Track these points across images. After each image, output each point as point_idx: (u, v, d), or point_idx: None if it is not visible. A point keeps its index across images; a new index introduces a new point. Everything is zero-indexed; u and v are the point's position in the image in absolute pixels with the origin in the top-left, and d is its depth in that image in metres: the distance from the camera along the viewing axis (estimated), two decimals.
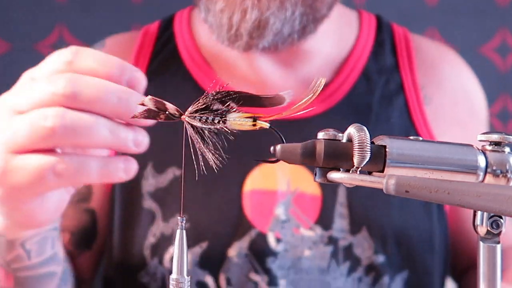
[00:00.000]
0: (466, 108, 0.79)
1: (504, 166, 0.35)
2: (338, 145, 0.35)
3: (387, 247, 0.72)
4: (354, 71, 0.77)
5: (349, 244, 0.72)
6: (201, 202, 0.72)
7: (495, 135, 0.36)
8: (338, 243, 0.71)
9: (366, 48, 0.78)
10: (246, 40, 0.66)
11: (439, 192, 0.29)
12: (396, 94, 0.77)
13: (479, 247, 0.37)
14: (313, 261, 0.71)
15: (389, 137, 0.36)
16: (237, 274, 0.71)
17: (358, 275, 0.71)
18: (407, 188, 0.30)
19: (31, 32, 1.18)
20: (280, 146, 0.36)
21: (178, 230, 0.38)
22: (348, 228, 0.72)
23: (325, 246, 0.71)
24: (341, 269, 0.71)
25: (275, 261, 0.71)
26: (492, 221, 0.36)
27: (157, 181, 0.74)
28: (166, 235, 0.72)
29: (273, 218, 0.72)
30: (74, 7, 1.18)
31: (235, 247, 0.71)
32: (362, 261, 0.72)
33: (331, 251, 0.71)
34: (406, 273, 0.74)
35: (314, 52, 0.75)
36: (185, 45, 0.79)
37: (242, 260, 0.71)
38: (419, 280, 0.74)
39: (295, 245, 0.71)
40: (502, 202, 0.27)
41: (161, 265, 0.72)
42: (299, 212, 0.72)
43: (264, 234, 0.71)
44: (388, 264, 0.72)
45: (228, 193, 0.73)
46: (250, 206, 0.72)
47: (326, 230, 0.71)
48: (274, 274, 0.71)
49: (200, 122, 0.38)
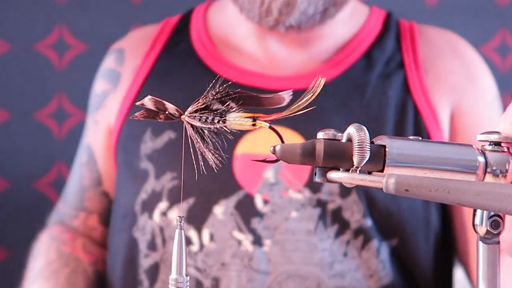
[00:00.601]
0: (464, 75, 0.81)
1: (503, 166, 0.35)
2: (337, 145, 0.35)
3: (375, 211, 0.74)
4: (357, 51, 0.80)
5: (338, 207, 0.73)
6: (191, 162, 0.74)
7: (494, 135, 0.36)
8: (326, 206, 0.73)
9: (372, 33, 0.82)
10: (275, 16, 0.72)
11: (439, 191, 0.29)
12: (395, 71, 0.79)
13: (479, 247, 0.37)
14: (300, 223, 0.73)
15: (389, 137, 0.36)
16: (221, 231, 0.73)
17: (347, 238, 0.73)
18: (406, 187, 0.30)
19: (31, 32, 1.18)
20: (280, 146, 0.36)
21: (177, 230, 0.38)
22: (337, 191, 0.73)
23: (312, 208, 0.73)
24: (328, 232, 0.73)
25: (260, 222, 0.73)
26: (492, 221, 0.36)
27: (154, 143, 0.78)
28: (156, 191, 0.76)
29: (262, 181, 0.75)
30: (74, 7, 1.18)
31: (221, 205, 0.74)
32: (351, 224, 0.73)
33: (319, 213, 0.73)
34: (396, 241, 0.75)
35: (325, 36, 0.80)
36: (197, 29, 0.84)
37: (227, 218, 0.73)
38: (407, 250, 0.75)
39: (282, 206, 0.73)
40: (501, 200, 0.28)
41: (150, 219, 0.76)
42: (289, 176, 0.74)
43: (252, 195, 0.74)
44: (376, 229, 0.74)
45: (219, 155, 0.74)
46: (240, 168, 0.75)
47: (315, 193, 0.73)
48: (259, 234, 0.73)
49: (200, 122, 0.38)
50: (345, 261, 0.73)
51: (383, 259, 0.74)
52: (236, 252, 0.73)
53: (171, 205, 0.76)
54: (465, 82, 0.80)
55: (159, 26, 0.86)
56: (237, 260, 0.73)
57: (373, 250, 0.73)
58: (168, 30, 0.85)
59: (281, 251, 0.72)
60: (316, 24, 0.76)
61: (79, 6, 1.19)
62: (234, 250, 0.73)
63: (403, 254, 0.75)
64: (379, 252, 0.74)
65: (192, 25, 0.85)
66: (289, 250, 0.73)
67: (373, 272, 0.74)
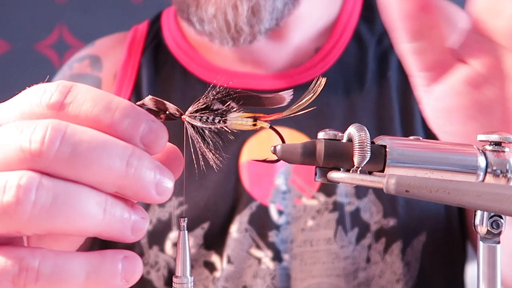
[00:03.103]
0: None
1: (504, 166, 0.35)
2: (338, 145, 0.35)
3: (397, 209, 0.69)
4: (345, 34, 0.76)
5: (356, 209, 0.68)
6: (198, 180, 0.71)
7: (495, 135, 0.36)
8: (344, 208, 0.68)
9: (355, 12, 0.78)
10: (248, 31, 0.67)
11: (439, 191, 0.29)
12: (390, 49, 0.76)
13: (479, 247, 0.37)
14: (317, 232, 0.68)
15: (389, 137, 0.36)
16: (237, 250, 0.68)
17: (368, 242, 0.68)
18: (407, 188, 0.30)
19: (31, 32, 1.18)
20: (281, 146, 0.36)
21: (181, 231, 0.38)
22: (353, 191, 0.69)
23: (329, 213, 0.68)
24: (349, 237, 0.68)
25: (278, 235, 0.68)
26: (493, 221, 0.36)
27: None
28: (163, 220, 0.71)
29: (274, 189, 0.69)
30: (74, 7, 1.18)
31: (235, 222, 0.69)
32: (371, 226, 0.68)
33: (337, 217, 0.68)
34: (424, 236, 0.70)
35: (302, 18, 0.75)
36: (172, 35, 0.80)
37: (242, 235, 0.68)
38: (440, 242, 0.71)
39: (296, 216, 0.68)
40: (502, 201, 0.27)
41: (163, 253, 0.70)
42: (300, 181, 0.70)
43: (266, 206, 0.69)
44: (400, 228, 0.69)
45: (225, 166, 0.71)
46: (248, 177, 0.70)
47: (330, 196, 0.68)
48: (278, 249, 0.68)
49: (200, 122, 0.38)
50: (368, 268, 0.68)
51: (410, 261, 0.70)
52: (257, 272, 0.68)
53: None
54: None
55: (129, 34, 0.82)
56: (259, 280, 0.68)
57: (397, 252, 0.69)
58: (141, 38, 0.81)
59: (300, 265, 0.68)
60: (292, 9, 0.70)
61: (79, 6, 1.19)
62: (255, 270, 0.68)
63: (431, 250, 0.70)
64: (405, 254, 0.69)
65: (165, 31, 0.81)
66: (308, 263, 0.68)
67: (399, 276, 0.69)
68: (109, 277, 0.31)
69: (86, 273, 0.31)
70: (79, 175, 0.30)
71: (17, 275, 0.29)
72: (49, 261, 0.30)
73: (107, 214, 0.31)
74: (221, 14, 0.66)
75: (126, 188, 0.31)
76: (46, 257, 0.30)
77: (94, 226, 0.31)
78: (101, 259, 0.31)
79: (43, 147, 0.29)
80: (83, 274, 0.30)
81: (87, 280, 0.31)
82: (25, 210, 0.29)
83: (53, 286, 0.30)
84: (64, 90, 0.32)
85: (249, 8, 0.65)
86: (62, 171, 0.30)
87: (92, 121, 0.31)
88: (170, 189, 0.33)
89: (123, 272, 0.32)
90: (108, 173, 0.30)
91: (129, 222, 0.32)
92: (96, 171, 0.30)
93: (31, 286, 0.29)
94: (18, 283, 0.29)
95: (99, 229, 0.31)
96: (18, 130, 0.30)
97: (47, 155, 0.29)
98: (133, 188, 0.31)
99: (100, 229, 0.31)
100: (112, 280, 0.31)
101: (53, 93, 0.32)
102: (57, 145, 0.30)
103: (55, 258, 0.30)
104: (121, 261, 0.32)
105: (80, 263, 0.31)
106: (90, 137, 0.30)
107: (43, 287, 0.30)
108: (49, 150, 0.29)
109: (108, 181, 0.31)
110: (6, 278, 0.29)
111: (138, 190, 0.32)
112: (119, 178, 0.31)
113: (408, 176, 0.31)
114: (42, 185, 0.29)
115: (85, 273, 0.30)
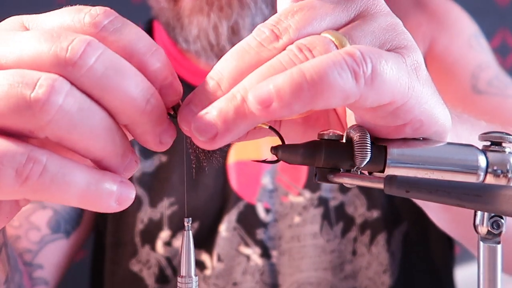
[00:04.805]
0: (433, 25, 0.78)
1: (504, 166, 0.35)
2: (338, 145, 0.35)
3: (381, 200, 0.71)
4: None
5: (340, 203, 0.71)
6: (188, 181, 0.72)
7: (495, 134, 0.36)
8: (328, 203, 0.71)
9: None
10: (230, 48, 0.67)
11: (439, 192, 0.29)
12: None
13: (479, 247, 0.37)
14: (304, 227, 0.70)
15: (390, 138, 0.36)
16: (226, 249, 0.71)
17: (353, 235, 0.71)
18: (407, 188, 0.30)
19: None
20: (280, 146, 0.36)
21: (185, 231, 0.39)
22: (337, 186, 0.71)
23: (315, 208, 0.71)
24: (334, 231, 0.70)
25: (265, 232, 0.70)
26: (493, 221, 0.36)
27: (143, 165, 0.74)
28: (154, 220, 0.72)
29: (260, 188, 0.72)
30: None
31: (224, 221, 0.71)
32: (356, 219, 0.71)
33: (322, 212, 0.70)
34: (405, 225, 0.72)
35: None
36: (161, 40, 0.80)
37: (230, 234, 0.71)
38: (420, 231, 0.72)
39: (283, 214, 0.71)
40: (502, 202, 0.27)
41: (154, 252, 0.72)
42: (286, 179, 0.72)
43: (253, 205, 0.71)
44: (383, 219, 0.71)
45: (212, 167, 0.72)
46: (235, 177, 0.72)
47: (315, 192, 0.71)
48: (266, 245, 0.70)
49: None
50: (355, 260, 0.71)
51: (394, 251, 0.71)
52: (247, 269, 0.70)
53: (174, 233, 0.72)
54: (436, 32, 0.77)
55: None
56: (248, 276, 0.70)
57: (383, 243, 0.71)
58: None
59: (288, 261, 0.70)
60: None
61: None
62: (244, 267, 0.70)
63: (414, 238, 0.72)
64: (390, 244, 0.71)
65: (156, 35, 0.82)
66: (296, 258, 0.70)
67: (386, 267, 0.71)
68: (105, 195, 0.32)
69: (86, 184, 0.31)
70: (103, 97, 0.31)
71: (23, 165, 0.29)
72: (56, 161, 0.30)
73: (116, 142, 0.32)
74: (203, 35, 0.68)
75: (136, 125, 0.32)
76: (53, 157, 0.30)
77: (100, 150, 0.32)
78: (102, 176, 0.32)
79: (79, 59, 0.30)
80: (83, 184, 0.31)
81: (85, 191, 0.31)
82: (49, 111, 0.29)
83: (52, 186, 0.30)
84: (110, 15, 0.33)
85: (228, 28, 0.67)
86: (88, 88, 0.30)
87: (128, 52, 0.32)
88: (170, 141, 0.34)
89: (118, 194, 0.32)
90: (128, 104, 0.31)
91: (133, 157, 0.34)
92: (119, 98, 0.31)
93: (32, 179, 0.29)
94: (22, 173, 0.29)
95: (103, 154, 0.32)
96: (57, 36, 0.31)
97: (80, 68, 0.30)
98: (142, 128, 0.32)
99: (103, 155, 0.32)
100: (107, 199, 0.32)
101: (99, 14, 0.33)
102: (92, 61, 0.30)
103: (62, 160, 0.30)
104: (118, 184, 0.32)
105: (83, 172, 0.31)
106: (123, 66, 0.31)
107: (43, 185, 0.30)
108: (83, 64, 0.30)
109: (125, 112, 0.31)
110: (12, 165, 0.29)
111: (146, 132, 0.33)
112: (136, 112, 0.31)
113: (408, 177, 0.31)
114: (72, 93, 0.30)
115: (85, 183, 0.31)
